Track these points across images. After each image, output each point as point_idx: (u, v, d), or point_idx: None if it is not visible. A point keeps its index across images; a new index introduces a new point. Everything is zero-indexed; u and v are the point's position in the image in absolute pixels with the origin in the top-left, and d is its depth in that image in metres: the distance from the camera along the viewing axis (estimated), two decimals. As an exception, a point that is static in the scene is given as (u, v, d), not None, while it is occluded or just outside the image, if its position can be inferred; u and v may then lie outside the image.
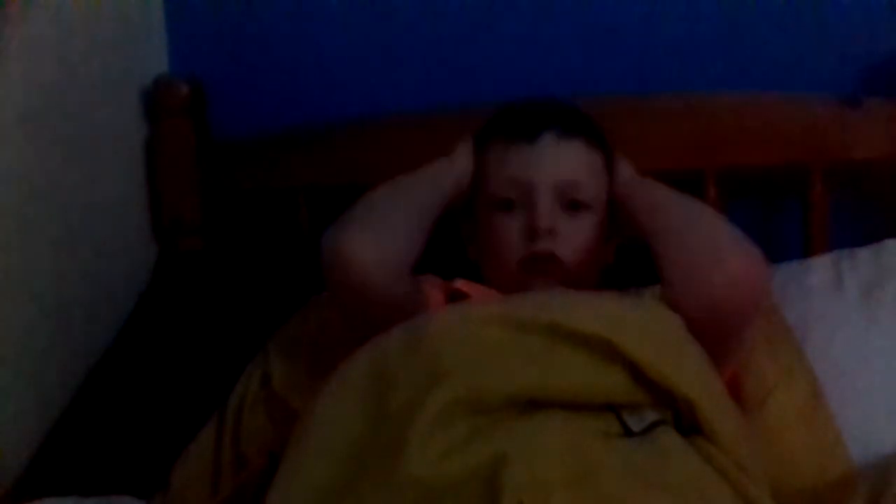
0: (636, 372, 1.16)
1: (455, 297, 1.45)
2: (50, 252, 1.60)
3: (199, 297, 1.77)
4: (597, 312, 1.22)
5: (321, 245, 1.39)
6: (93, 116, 1.72)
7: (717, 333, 1.30)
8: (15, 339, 1.52)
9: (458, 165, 1.50)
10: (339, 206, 1.43)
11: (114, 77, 1.79)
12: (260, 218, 1.90)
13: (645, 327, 1.22)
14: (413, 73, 1.85)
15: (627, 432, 1.14)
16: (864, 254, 1.65)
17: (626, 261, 1.55)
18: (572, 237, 1.43)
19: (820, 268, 1.65)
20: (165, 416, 1.59)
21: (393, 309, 1.35)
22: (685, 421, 1.18)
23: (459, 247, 1.55)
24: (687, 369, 1.20)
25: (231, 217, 1.89)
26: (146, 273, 1.84)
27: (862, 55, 1.77)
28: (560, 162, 1.45)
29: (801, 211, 1.75)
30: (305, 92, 1.87)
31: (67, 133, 1.65)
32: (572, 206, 1.44)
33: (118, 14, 1.79)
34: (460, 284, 1.47)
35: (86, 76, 1.70)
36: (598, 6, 1.81)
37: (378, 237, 1.37)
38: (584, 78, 1.78)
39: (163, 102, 1.84)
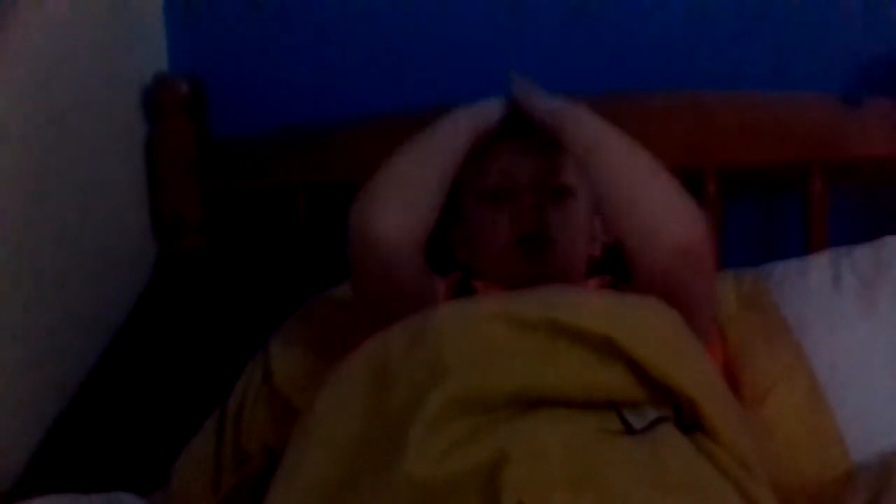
0: (637, 369, 1.16)
1: (460, 285, 1.46)
2: (50, 251, 1.60)
3: (199, 296, 1.77)
4: (597, 310, 1.22)
5: (348, 223, 1.40)
6: (92, 115, 1.72)
7: (675, 296, 1.31)
8: (15, 338, 1.52)
9: (481, 111, 1.49)
10: (340, 204, 1.43)
11: (113, 75, 1.79)
12: (260, 216, 1.90)
13: (645, 325, 1.22)
14: (413, 73, 1.85)
15: (629, 430, 1.14)
16: (862, 251, 1.65)
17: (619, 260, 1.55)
18: (560, 221, 1.45)
19: (819, 265, 1.65)
20: (166, 414, 1.60)
21: (411, 289, 1.38)
22: (686, 418, 1.18)
23: (448, 255, 1.56)
24: (687, 366, 1.20)
25: (231, 215, 1.89)
26: (146, 271, 1.84)
27: (862, 54, 1.77)
28: (544, 151, 1.47)
29: (800, 208, 1.76)
30: (305, 90, 1.87)
31: (67, 131, 1.65)
32: (558, 192, 1.47)
33: (117, 12, 1.79)
34: (462, 277, 1.48)
35: (85, 74, 1.70)
36: (599, 4, 1.81)
37: (404, 206, 1.39)
38: (585, 76, 1.78)
39: (162, 101, 1.83)
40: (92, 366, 1.66)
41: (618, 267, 1.52)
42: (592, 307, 1.23)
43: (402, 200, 1.39)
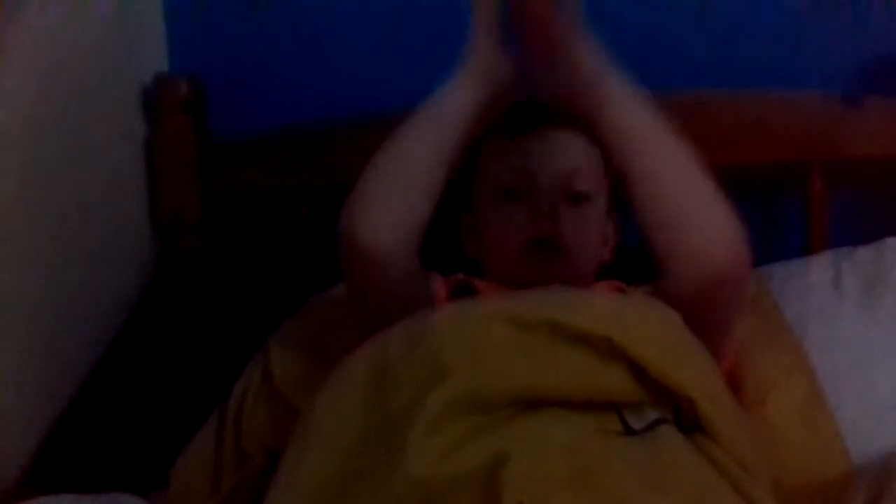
0: (637, 370, 1.16)
1: (460, 287, 1.45)
2: (50, 251, 1.60)
3: (199, 296, 1.78)
4: (598, 310, 1.22)
5: (337, 232, 1.38)
6: (92, 114, 1.72)
7: (701, 320, 1.29)
8: (15, 339, 1.51)
9: (470, 74, 1.39)
10: (339, 204, 1.43)
11: (113, 75, 1.79)
12: (260, 217, 1.90)
13: (646, 325, 1.22)
14: (413, 73, 1.85)
15: (628, 431, 1.14)
16: (863, 252, 1.65)
17: (625, 261, 1.55)
18: (573, 225, 1.44)
19: (819, 266, 1.65)
20: (166, 415, 1.60)
21: (405, 291, 1.36)
22: (686, 419, 1.18)
23: (458, 248, 1.55)
24: (688, 367, 1.20)
25: (231, 216, 1.89)
26: (146, 272, 1.84)
27: (862, 54, 1.77)
28: (561, 152, 1.46)
29: (800, 209, 1.76)
30: (306, 90, 1.87)
31: (66, 131, 1.65)
32: (573, 196, 1.45)
33: (117, 12, 1.79)
34: (463, 278, 1.48)
35: (85, 74, 1.70)
36: (598, 4, 1.80)
37: (392, 207, 1.36)
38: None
39: (162, 101, 1.83)
40: (92, 366, 1.66)
41: (625, 270, 1.52)
42: (593, 308, 1.23)
43: (389, 201, 1.36)
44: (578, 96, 1.34)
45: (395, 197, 1.37)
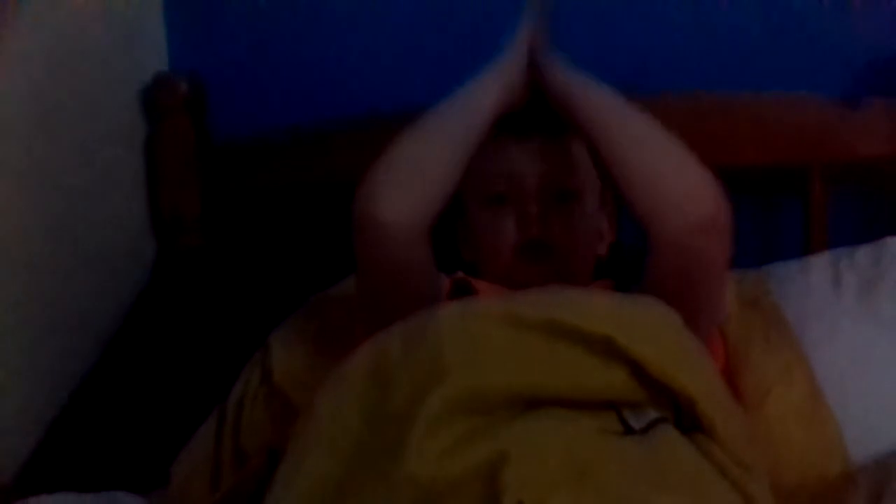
0: (637, 369, 1.16)
1: (460, 285, 1.45)
2: (50, 249, 1.60)
3: (198, 295, 1.78)
4: (597, 310, 1.22)
5: (352, 208, 1.37)
6: (93, 114, 1.72)
7: (689, 276, 1.32)
8: (14, 337, 1.52)
9: (500, 78, 1.45)
10: (339, 203, 1.43)
11: (114, 74, 1.79)
12: (259, 215, 1.90)
13: (646, 325, 1.22)
14: (413, 73, 1.85)
15: (628, 430, 1.14)
16: (863, 252, 1.65)
17: (622, 259, 1.55)
18: (564, 225, 1.45)
19: (819, 266, 1.65)
20: (166, 413, 1.60)
21: (415, 275, 1.37)
22: (686, 418, 1.18)
23: (455, 249, 1.55)
24: (687, 367, 1.20)
25: (230, 214, 1.89)
26: (146, 270, 1.84)
27: (862, 54, 1.77)
28: (549, 154, 1.47)
29: (800, 209, 1.76)
30: (306, 90, 1.87)
31: (67, 130, 1.65)
32: (563, 195, 1.46)
33: (118, 11, 1.79)
34: (463, 277, 1.48)
35: (85, 73, 1.71)
36: (599, 5, 1.81)
37: (410, 187, 1.36)
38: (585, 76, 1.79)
39: (163, 100, 1.84)
40: (92, 364, 1.66)
41: (623, 269, 1.53)
42: (593, 307, 1.23)
43: (408, 181, 1.37)
44: (555, 99, 1.44)
45: (416, 179, 1.37)
